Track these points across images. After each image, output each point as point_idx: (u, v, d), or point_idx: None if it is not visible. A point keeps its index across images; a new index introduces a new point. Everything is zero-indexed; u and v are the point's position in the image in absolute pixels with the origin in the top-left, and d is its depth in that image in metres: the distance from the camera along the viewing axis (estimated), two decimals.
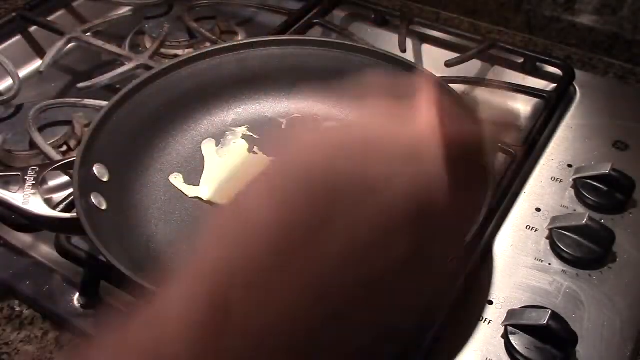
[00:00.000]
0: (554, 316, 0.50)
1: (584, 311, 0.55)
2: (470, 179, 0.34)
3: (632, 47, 0.84)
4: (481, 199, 0.37)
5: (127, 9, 0.93)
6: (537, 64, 0.80)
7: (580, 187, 0.64)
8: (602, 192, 0.63)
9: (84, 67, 0.86)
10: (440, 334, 0.53)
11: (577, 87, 0.78)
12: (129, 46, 0.84)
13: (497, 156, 0.32)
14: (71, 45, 0.82)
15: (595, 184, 0.63)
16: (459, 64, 0.78)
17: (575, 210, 0.63)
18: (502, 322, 0.53)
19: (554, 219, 0.61)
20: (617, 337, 0.53)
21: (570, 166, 0.67)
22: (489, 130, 0.33)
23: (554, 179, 0.66)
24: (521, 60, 0.81)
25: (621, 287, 0.57)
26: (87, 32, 0.83)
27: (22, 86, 0.76)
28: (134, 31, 0.88)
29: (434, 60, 0.84)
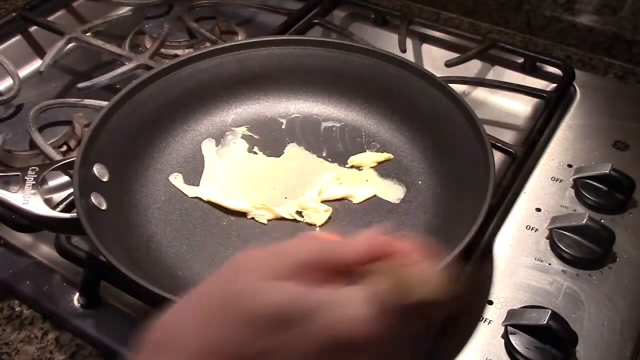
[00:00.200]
0: (554, 316, 0.50)
1: (584, 311, 0.55)
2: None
3: (632, 47, 0.84)
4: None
5: (127, 9, 0.93)
6: (537, 64, 0.80)
7: (580, 187, 0.64)
8: (602, 192, 0.63)
9: (84, 67, 0.86)
10: (440, 334, 0.53)
11: (577, 87, 0.78)
12: (129, 46, 0.84)
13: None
14: (71, 45, 0.82)
15: (595, 184, 0.63)
16: (459, 64, 0.78)
17: (575, 210, 0.63)
18: (502, 322, 0.53)
19: (554, 219, 0.61)
20: (617, 337, 0.53)
21: (570, 166, 0.67)
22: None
23: (554, 179, 0.66)
24: (521, 60, 0.81)
25: (621, 287, 0.57)
26: (87, 32, 0.83)
27: (22, 86, 0.76)
28: (134, 31, 0.88)
29: (434, 60, 0.84)
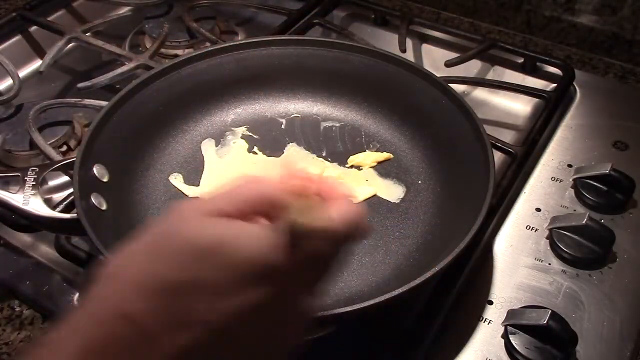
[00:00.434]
0: (554, 316, 0.50)
1: (584, 311, 0.55)
2: None
3: (632, 47, 0.84)
4: None
5: (127, 9, 0.93)
6: (537, 64, 0.80)
7: (580, 187, 0.64)
8: (602, 192, 0.63)
9: (84, 67, 0.86)
10: (440, 334, 0.53)
11: (577, 87, 0.78)
12: (129, 46, 0.85)
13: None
14: (71, 45, 0.82)
15: (595, 184, 0.63)
16: (459, 64, 0.78)
17: (575, 210, 0.63)
18: (502, 322, 0.53)
19: (554, 219, 0.61)
20: (617, 337, 0.53)
21: (570, 166, 0.67)
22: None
23: (554, 179, 0.66)
24: (521, 60, 0.81)
25: (621, 287, 0.57)
26: (87, 32, 0.83)
27: (22, 86, 0.76)
28: (134, 31, 0.88)
29: (434, 60, 0.84)
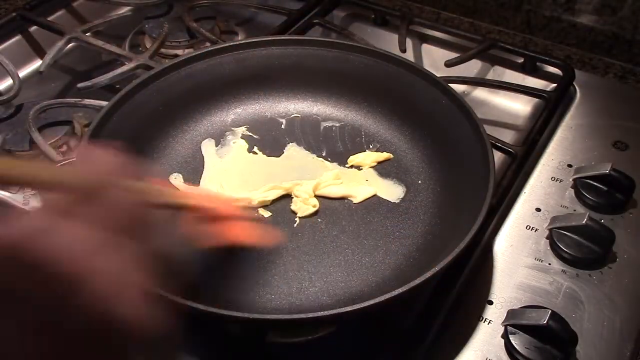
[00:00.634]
0: (554, 316, 0.50)
1: (584, 311, 0.55)
2: None
3: (632, 47, 0.84)
4: None
5: (127, 9, 0.93)
6: (537, 64, 0.80)
7: (580, 187, 0.64)
8: (602, 192, 0.63)
9: (84, 67, 0.86)
10: (440, 334, 0.53)
11: (577, 87, 0.78)
12: (129, 46, 0.85)
13: None
14: (71, 45, 0.82)
15: (595, 184, 0.63)
16: (459, 64, 0.78)
17: (575, 210, 0.63)
18: (502, 322, 0.53)
19: (554, 219, 0.61)
20: (617, 337, 0.53)
21: (570, 166, 0.67)
22: None
23: (554, 179, 0.66)
24: (521, 60, 0.81)
25: (621, 287, 0.57)
26: (87, 32, 0.83)
27: (22, 86, 0.76)
28: (134, 31, 0.88)
29: (434, 60, 0.84)
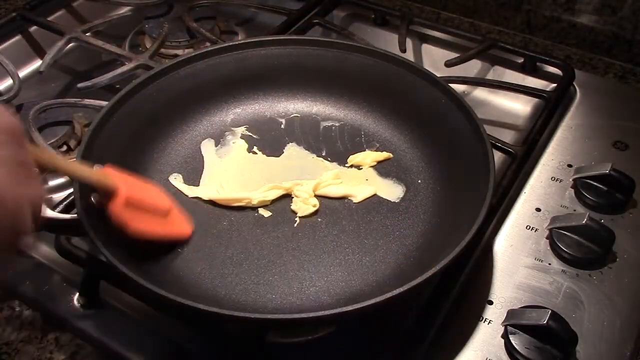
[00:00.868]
0: (554, 316, 0.50)
1: (584, 311, 0.55)
2: None
3: (632, 47, 0.84)
4: None
5: (127, 9, 0.93)
6: (537, 64, 0.80)
7: (580, 187, 0.64)
8: (602, 192, 0.63)
9: (84, 67, 0.86)
10: (440, 334, 0.53)
11: (577, 87, 0.78)
12: (129, 46, 0.85)
13: None
14: (71, 45, 0.82)
15: (595, 184, 0.63)
16: (459, 64, 0.78)
17: (575, 210, 0.63)
18: (502, 322, 0.53)
19: (554, 219, 0.61)
20: (617, 337, 0.53)
21: (570, 166, 0.67)
22: None
23: (554, 179, 0.66)
24: (521, 60, 0.81)
25: (621, 287, 0.57)
26: (87, 32, 0.83)
27: (22, 86, 0.76)
28: (134, 31, 0.88)
29: (434, 60, 0.84)
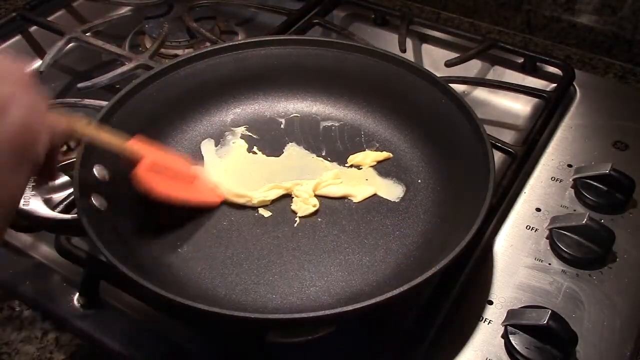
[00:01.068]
0: (554, 316, 0.50)
1: (584, 311, 0.55)
2: None
3: (632, 47, 0.84)
4: None
5: (127, 9, 0.93)
6: (537, 64, 0.80)
7: (580, 187, 0.64)
8: (602, 192, 0.63)
9: (84, 67, 0.86)
10: (440, 334, 0.53)
11: (577, 87, 0.78)
12: (129, 46, 0.85)
13: None
14: (71, 45, 0.82)
15: (595, 184, 0.63)
16: (459, 64, 0.78)
17: (575, 210, 0.63)
18: (502, 322, 0.53)
19: (554, 219, 0.61)
20: (617, 337, 0.53)
21: (570, 166, 0.67)
22: None
23: (554, 179, 0.66)
24: (521, 60, 0.81)
25: (621, 287, 0.57)
26: (87, 32, 0.83)
27: None
28: (134, 31, 0.88)
29: (434, 60, 0.84)
